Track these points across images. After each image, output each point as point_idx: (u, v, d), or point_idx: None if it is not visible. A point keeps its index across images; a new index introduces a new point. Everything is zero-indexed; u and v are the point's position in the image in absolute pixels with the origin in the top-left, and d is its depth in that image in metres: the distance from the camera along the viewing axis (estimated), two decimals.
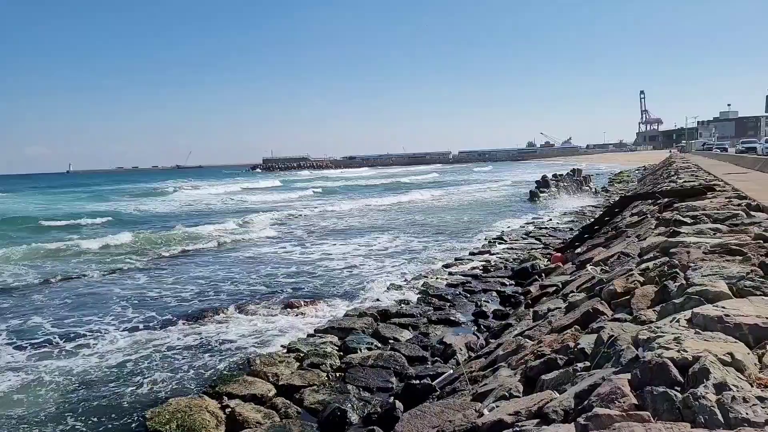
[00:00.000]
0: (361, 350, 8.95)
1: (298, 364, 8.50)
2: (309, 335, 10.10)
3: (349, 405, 6.92)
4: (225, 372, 8.61)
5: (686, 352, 3.08)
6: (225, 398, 7.22)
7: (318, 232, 25.43)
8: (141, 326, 11.25)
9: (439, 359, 8.41)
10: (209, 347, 9.83)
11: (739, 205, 9.78)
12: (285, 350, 9.26)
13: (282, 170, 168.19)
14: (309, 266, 17.06)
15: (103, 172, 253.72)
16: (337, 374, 8.13)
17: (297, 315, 11.54)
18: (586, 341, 4.63)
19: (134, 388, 8.19)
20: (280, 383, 7.77)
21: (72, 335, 10.80)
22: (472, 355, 8.15)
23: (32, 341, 10.50)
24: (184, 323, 11.29)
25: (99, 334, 10.85)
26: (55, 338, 10.64)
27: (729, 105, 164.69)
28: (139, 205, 46.90)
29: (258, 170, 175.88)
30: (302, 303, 12.21)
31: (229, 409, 6.91)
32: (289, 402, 7.26)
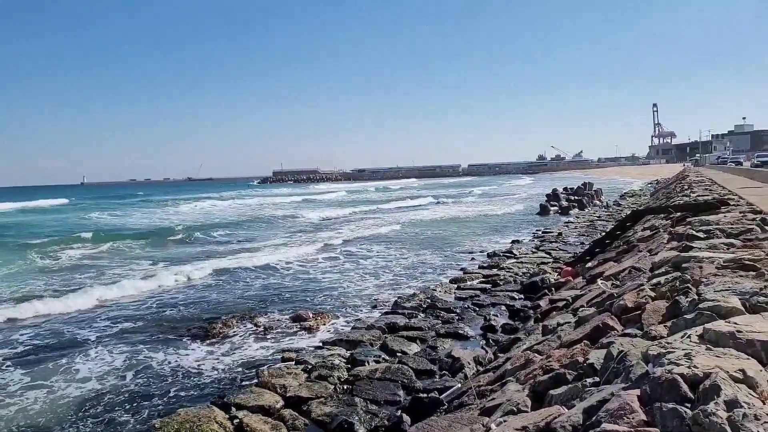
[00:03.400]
0: (368, 363, 8.91)
1: (306, 376, 8.48)
2: (317, 347, 10.09)
3: (357, 418, 6.89)
4: (234, 383, 8.63)
5: (697, 368, 3.03)
6: (233, 409, 7.22)
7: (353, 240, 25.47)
8: (149, 339, 11.31)
9: (446, 373, 8.35)
10: (218, 359, 9.85)
11: (753, 219, 9.63)
12: (293, 362, 9.25)
13: (293, 182, 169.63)
14: (315, 279, 17.09)
15: (117, 184, 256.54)
16: (345, 387, 8.09)
17: (305, 327, 11.54)
18: (596, 356, 4.58)
19: (143, 399, 8.22)
20: (288, 395, 7.75)
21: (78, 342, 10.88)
22: (480, 369, 8.08)
23: (33, 356, 10.58)
24: (193, 335, 11.32)
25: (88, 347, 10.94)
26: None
27: (744, 118, 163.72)
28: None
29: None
30: (310, 315, 12.19)
31: (237, 420, 6.91)
32: (296, 414, 7.23)
